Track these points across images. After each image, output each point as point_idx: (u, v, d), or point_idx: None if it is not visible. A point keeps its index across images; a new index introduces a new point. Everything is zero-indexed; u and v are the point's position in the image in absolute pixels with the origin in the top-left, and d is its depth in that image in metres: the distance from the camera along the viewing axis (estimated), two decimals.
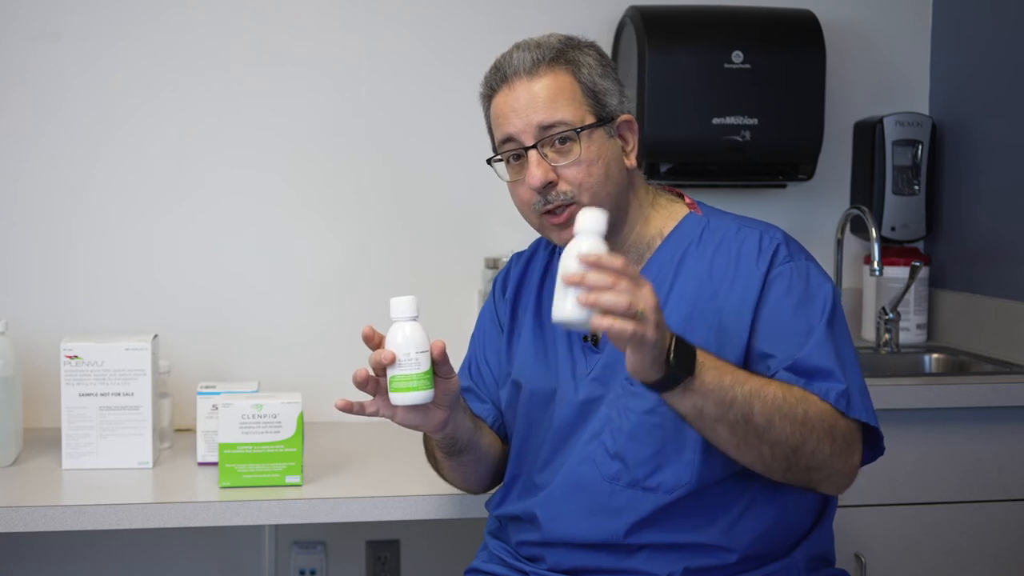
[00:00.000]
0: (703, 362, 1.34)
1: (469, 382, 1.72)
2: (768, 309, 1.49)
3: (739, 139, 2.44)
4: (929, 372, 2.53)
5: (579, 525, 1.52)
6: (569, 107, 1.50)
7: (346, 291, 2.45)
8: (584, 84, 1.52)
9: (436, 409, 1.48)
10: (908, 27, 2.69)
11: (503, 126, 1.52)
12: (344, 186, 2.45)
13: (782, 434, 1.39)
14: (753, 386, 1.38)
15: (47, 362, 2.16)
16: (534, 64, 1.50)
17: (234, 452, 1.84)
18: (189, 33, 2.38)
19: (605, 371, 1.54)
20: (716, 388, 1.35)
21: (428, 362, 1.42)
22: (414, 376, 1.41)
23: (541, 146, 1.50)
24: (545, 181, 1.49)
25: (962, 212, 2.61)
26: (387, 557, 2.48)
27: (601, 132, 1.52)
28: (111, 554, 2.38)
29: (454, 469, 1.67)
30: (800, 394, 1.42)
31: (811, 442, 1.41)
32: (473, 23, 2.49)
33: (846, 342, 1.50)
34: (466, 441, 1.59)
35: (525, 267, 1.72)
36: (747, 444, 1.40)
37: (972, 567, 2.16)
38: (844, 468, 1.46)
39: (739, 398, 1.36)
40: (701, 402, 1.35)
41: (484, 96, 1.58)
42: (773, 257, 1.51)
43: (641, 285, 1.26)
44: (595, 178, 1.50)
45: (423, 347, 1.42)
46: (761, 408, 1.37)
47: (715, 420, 1.37)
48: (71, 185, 2.36)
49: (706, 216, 1.59)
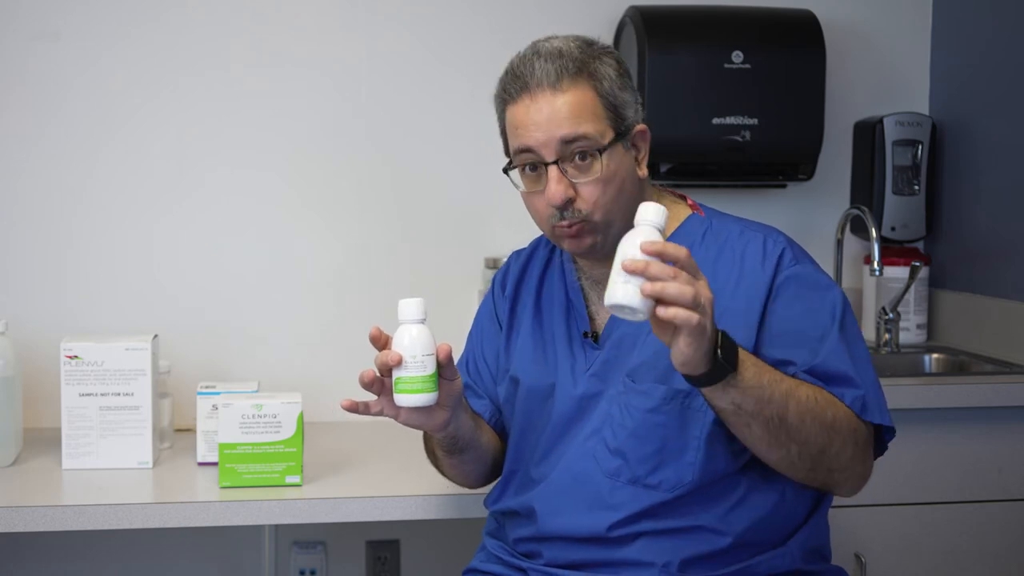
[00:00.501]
0: (744, 359, 1.36)
1: (467, 378, 1.73)
2: (778, 316, 1.49)
3: (739, 139, 2.44)
4: (929, 372, 2.53)
5: (577, 519, 1.52)
6: (591, 122, 1.49)
7: (346, 291, 2.45)
8: (605, 98, 1.51)
9: (439, 410, 1.49)
10: (908, 27, 2.69)
11: (522, 137, 1.51)
12: (344, 186, 2.45)
13: (811, 435, 1.42)
14: (788, 386, 1.40)
15: (47, 362, 2.16)
16: (558, 77, 1.49)
17: (234, 452, 1.84)
18: (189, 33, 2.38)
19: (604, 367, 1.55)
20: (756, 385, 1.36)
21: (434, 365, 1.43)
22: (420, 378, 1.42)
23: (561, 162, 1.49)
24: (565, 198, 1.49)
25: (962, 212, 2.61)
26: (387, 557, 2.48)
27: (619, 147, 1.52)
28: (111, 554, 2.38)
29: (454, 467, 1.67)
30: (829, 397, 1.45)
31: (836, 444, 1.44)
32: (473, 23, 2.49)
33: (859, 344, 1.51)
34: (467, 440, 1.60)
35: (525, 265, 1.72)
36: (778, 442, 1.42)
37: (972, 567, 2.16)
38: (863, 471, 1.50)
39: (776, 396, 1.38)
40: (740, 398, 1.36)
41: (499, 99, 1.56)
42: (779, 262, 1.52)
43: (699, 277, 1.28)
44: (609, 196, 1.50)
45: (429, 350, 1.43)
46: (795, 408, 1.40)
47: (751, 416, 1.39)
48: (71, 185, 2.36)
49: (708, 217, 1.60)
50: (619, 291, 1.28)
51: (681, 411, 1.48)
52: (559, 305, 1.64)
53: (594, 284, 1.61)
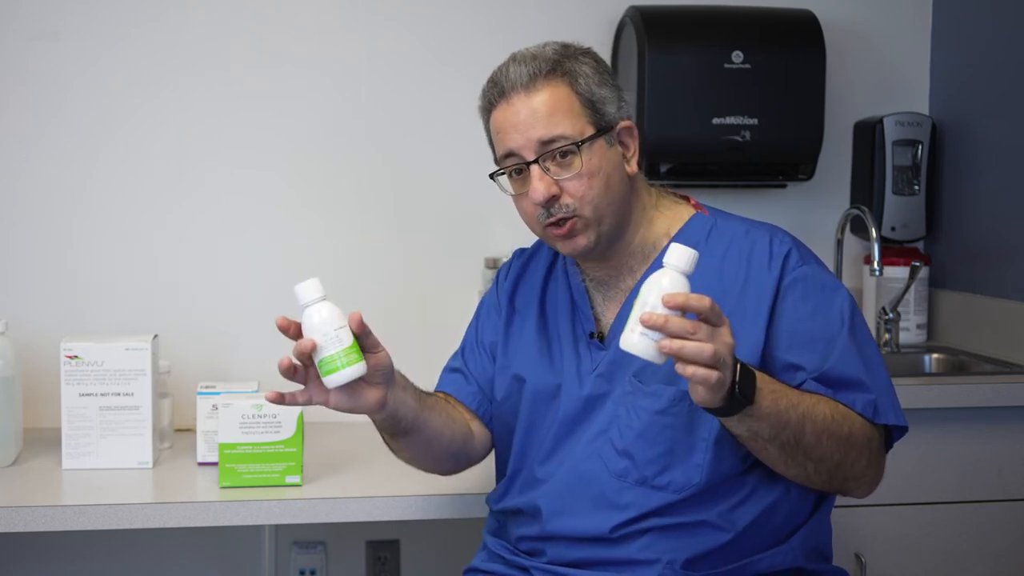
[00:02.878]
0: (762, 388, 1.37)
1: (460, 363, 1.73)
2: (786, 317, 1.50)
3: (739, 139, 2.44)
4: (929, 372, 2.53)
5: (584, 519, 1.52)
6: (568, 120, 1.50)
7: (346, 291, 2.44)
8: (582, 95, 1.52)
9: (369, 388, 1.45)
10: (908, 27, 2.69)
11: (504, 141, 1.53)
12: (344, 186, 2.45)
13: (828, 451, 1.44)
14: (805, 408, 1.42)
15: (47, 362, 2.15)
16: (531, 78, 1.51)
17: (234, 452, 1.84)
18: (189, 33, 2.38)
19: (611, 368, 1.55)
20: (773, 412, 1.38)
21: (350, 336, 1.39)
22: (339, 353, 1.39)
23: (543, 160, 1.50)
24: (548, 196, 1.50)
25: (962, 212, 2.61)
26: (387, 557, 2.48)
27: (601, 142, 1.52)
28: (111, 554, 2.38)
29: (401, 451, 1.64)
30: (844, 411, 1.46)
31: (852, 456, 1.47)
32: (473, 23, 2.49)
33: (869, 345, 1.52)
34: (410, 420, 1.55)
35: (526, 264, 1.73)
36: (795, 462, 1.45)
37: (972, 567, 2.16)
38: (876, 475, 1.53)
39: (793, 421, 1.40)
40: (757, 426, 1.39)
41: (483, 109, 1.58)
42: (784, 263, 1.52)
43: (720, 323, 1.29)
44: (596, 191, 1.51)
45: (341, 323, 1.39)
46: (812, 429, 1.42)
47: (768, 441, 1.41)
48: (71, 185, 2.36)
49: (713, 216, 1.60)
50: (637, 342, 1.28)
51: (689, 413, 1.49)
52: (564, 306, 1.64)
53: (598, 284, 1.61)
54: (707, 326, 1.27)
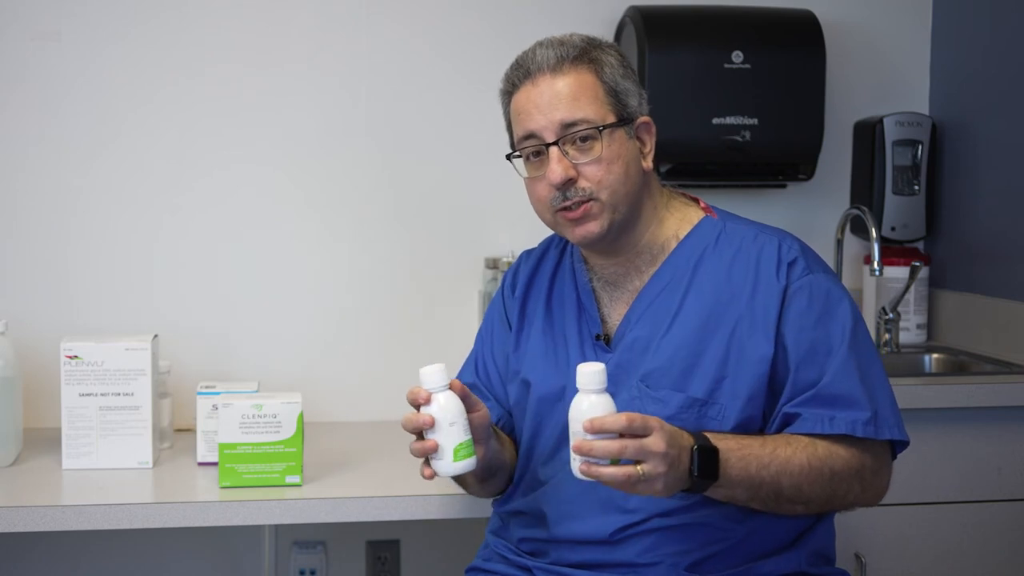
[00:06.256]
0: (727, 458, 1.39)
1: (474, 379, 1.72)
2: (788, 327, 1.49)
3: (739, 139, 2.44)
4: (929, 372, 2.53)
5: (590, 523, 1.52)
6: (592, 105, 1.50)
7: (346, 291, 2.45)
8: (607, 84, 1.52)
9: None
10: (908, 27, 2.69)
11: (524, 122, 1.53)
12: (344, 186, 2.45)
13: (813, 494, 1.46)
14: (779, 465, 1.43)
15: (47, 362, 2.16)
16: (559, 61, 1.51)
17: (234, 452, 1.84)
18: (189, 33, 2.38)
19: (617, 371, 1.54)
20: (744, 478, 1.41)
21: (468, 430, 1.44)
22: (464, 444, 1.43)
23: (562, 143, 1.50)
24: (566, 178, 1.50)
25: (962, 212, 2.61)
26: (387, 557, 2.48)
27: (622, 132, 1.53)
28: (111, 554, 2.39)
29: (484, 489, 1.68)
30: (825, 450, 1.46)
31: (841, 490, 1.48)
32: (474, 23, 2.49)
33: (870, 358, 1.51)
34: (498, 464, 1.61)
35: (536, 265, 1.71)
36: (781, 508, 1.47)
37: (972, 567, 2.16)
38: (876, 493, 1.54)
39: (767, 480, 1.42)
40: (731, 492, 1.42)
41: (504, 92, 1.58)
42: (791, 270, 1.51)
43: (647, 431, 1.31)
44: (615, 176, 1.51)
45: (462, 415, 1.43)
46: (790, 482, 1.44)
47: (746, 501, 1.45)
48: (71, 185, 2.36)
49: (722, 220, 1.59)
50: (575, 466, 1.34)
51: (698, 419, 1.48)
52: (570, 307, 1.64)
53: (605, 285, 1.61)
54: (634, 441, 1.31)
